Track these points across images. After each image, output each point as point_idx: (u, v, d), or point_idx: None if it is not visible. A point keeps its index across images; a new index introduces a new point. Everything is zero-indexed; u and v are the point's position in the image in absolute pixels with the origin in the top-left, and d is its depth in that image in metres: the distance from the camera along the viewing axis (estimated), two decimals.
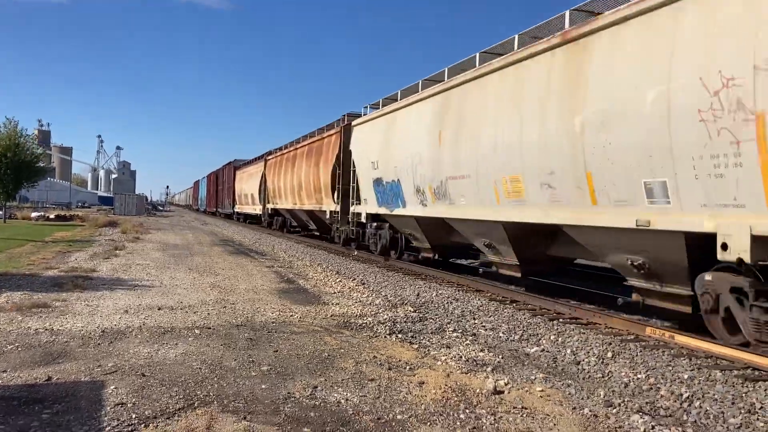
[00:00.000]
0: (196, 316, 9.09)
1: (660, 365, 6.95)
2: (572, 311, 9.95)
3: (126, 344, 7.23)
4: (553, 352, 7.62)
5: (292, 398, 5.45)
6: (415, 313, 9.95)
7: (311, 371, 6.33)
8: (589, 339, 8.21)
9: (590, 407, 5.47)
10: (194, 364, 6.45)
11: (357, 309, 10.19)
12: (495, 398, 5.65)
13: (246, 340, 7.59)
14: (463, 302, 11.11)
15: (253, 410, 5.10)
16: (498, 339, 8.35)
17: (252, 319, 9.01)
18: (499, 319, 9.64)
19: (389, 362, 6.77)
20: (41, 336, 7.47)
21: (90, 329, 7.91)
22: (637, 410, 5.44)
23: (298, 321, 8.99)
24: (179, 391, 5.52)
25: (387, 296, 11.77)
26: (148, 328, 8.10)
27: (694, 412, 5.46)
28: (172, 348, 7.11)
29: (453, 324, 9.22)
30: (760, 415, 5.39)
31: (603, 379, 6.56)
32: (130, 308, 9.48)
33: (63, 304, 9.63)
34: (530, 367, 6.87)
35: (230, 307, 9.96)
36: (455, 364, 6.84)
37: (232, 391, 5.56)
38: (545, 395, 5.82)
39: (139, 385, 5.65)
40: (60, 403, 5.11)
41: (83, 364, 6.32)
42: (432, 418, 5.09)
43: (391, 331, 8.41)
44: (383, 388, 5.82)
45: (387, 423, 4.94)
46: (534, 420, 5.12)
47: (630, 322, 8.81)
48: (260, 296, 11.26)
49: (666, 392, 6.00)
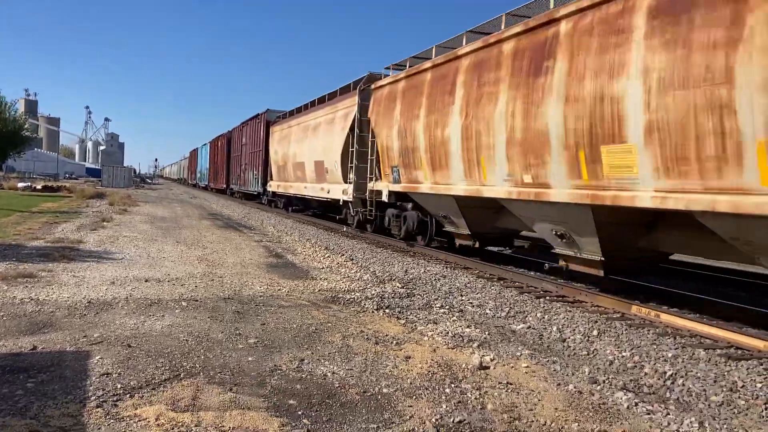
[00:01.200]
0: (184, 288, 9.05)
1: (645, 343, 7.01)
2: (559, 289, 10.00)
3: (112, 315, 7.19)
4: (539, 329, 7.66)
5: (278, 371, 5.45)
6: (403, 289, 9.96)
7: (298, 344, 6.33)
8: (575, 317, 8.27)
9: (575, 384, 5.51)
10: (181, 335, 6.43)
11: (345, 284, 10.19)
12: (480, 373, 5.68)
13: (233, 313, 7.58)
14: (450, 279, 11.14)
15: (240, 382, 5.10)
16: (485, 315, 8.39)
17: (239, 292, 8.99)
18: (486, 296, 9.68)
19: (376, 337, 6.79)
20: (27, 306, 7.42)
21: (76, 300, 7.86)
22: (621, 387, 5.49)
23: (286, 295, 8.98)
24: (165, 362, 5.50)
25: (375, 272, 11.78)
26: (135, 300, 8.06)
27: (677, 390, 5.52)
28: (159, 320, 7.08)
29: (440, 300, 9.25)
30: (742, 394, 5.45)
31: (588, 356, 6.61)
32: (116, 280, 9.43)
33: (49, 274, 9.56)
34: (516, 344, 6.91)
35: (218, 280, 9.93)
36: (442, 339, 6.87)
37: (219, 363, 5.56)
38: (530, 371, 5.86)
39: (124, 355, 5.63)
40: (45, 372, 5.09)
41: (69, 334, 6.29)
42: (417, 392, 5.11)
43: (378, 307, 8.43)
44: (370, 362, 5.84)
45: (373, 396, 4.95)
46: (519, 395, 5.15)
47: (616, 301, 8.87)
48: (248, 270, 11.23)
49: (650, 370, 6.06)
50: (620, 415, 4.82)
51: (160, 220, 22.20)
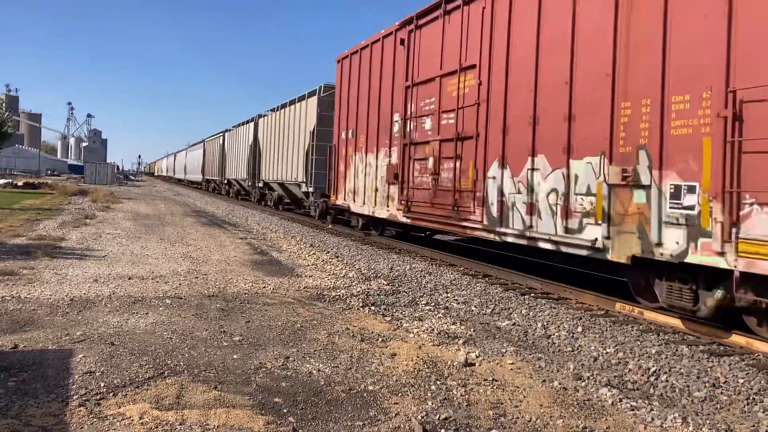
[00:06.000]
0: (168, 286, 8.99)
1: (629, 340, 7.06)
2: (544, 286, 10.04)
3: (95, 313, 7.12)
4: (524, 326, 7.69)
5: (263, 368, 5.43)
6: (389, 286, 9.96)
7: (283, 342, 6.31)
8: (559, 313, 8.31)
9: (560, 380, 5.53)
10: (165, 333, 6.38)
11: (330, 281, 10.17)
12: (466, 370, 5.69)
13: (218, 311, 7.53)
14: (436, 276, 11.15)
15: (224, 380, 5.07)
16: (470, 312, 8.40)
17: (224, 289, 8.94)
18: (471, 293, 9.70)
19: (362, 334, 6.78)
20: (8, 304, 7.33)
21: (58, 298, 7.78)
22: (606, 384, 5.52)
23: (271, 292, 8.94)
24: (149, 360, 5.46)
25: (361, 269, 11.76)
26: (118, 297, 7.99)
27: (660, 386, 5.56)
28: (143, 317, 7.03)
29: (426, 297, 9.25)
30: (724, 389, 5.51)
31: (573, 353, 6.64)
32: (99, 277, 9.34)
33: (31, 272, 9.45)
34: (501, 341, 6.93)
35: (202, 277, 9.86)
36: (427, 336, 6.87)
37: (203, 361, 5.52)
38: (516, 368, 5.88)
39: (108, 353, 5.58)
40: (27, 371, 5.03)
41: (51, 332, 6.22)
42: (403, 389, 5.11)
43: (364, 304, 8.42)
44: (355, 360, 5.83)
45: (358, 393, 4.95)
46: (504, 392, 5.17)
47: (600, 298, 8.92)
48: (233, 267, 11.17)
49: (634, 366, 6.10)
50: (605, 411, 4.85)
51: (144, 217, 22.02)
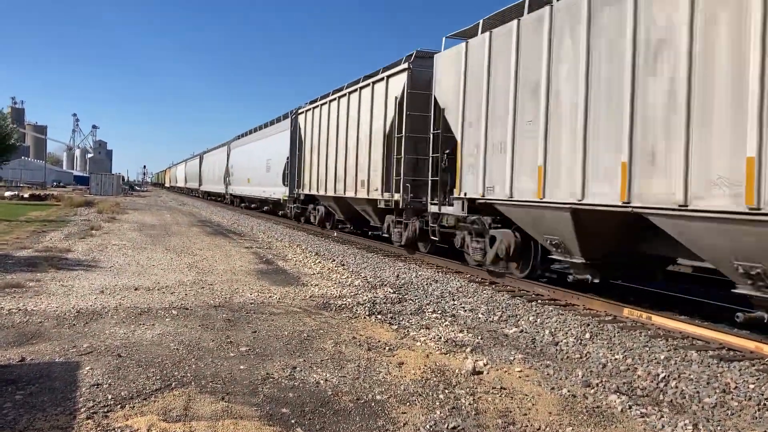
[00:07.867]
0: (174, 296, 8.99)
1: (637, 346, 7.02)
2: (551, 293, 10.00)
3: (102, 325, 7.12)
4: (532, 333, 7.65)
5: (270, 379, 5.41)
6: (395, 294, 9.93)
7: (290, 352, 6.29)
8: (567, 320, 8.27)
9: (568, 387, 5.50)
10: (171, 344, 6.37)
11: (336, 290, 10.15)
12: (474, 379, 5.66)
13: (224, 321, 7.52)
14: (442, 283, 11.13)
15: (232, 391, 5.05)
16: (477, 320, 8.37)
17: (230, 300, 8.93)
18: (478, 300, 9.67)
19: (369, 343, 6.76)
20: (14, 316, 7.34)
21: (65, 310, 7.78)
22: (615, 390, 5.48)
23: (277, 302, 8.93)
24: (156, 372, 5.45)
25: (366, 277, 11.74)
26: (125, 309, 7.99)
27: (670, 392, 5.52)
28: (149, 329, 7.02)
29: (432, 305, 9.23)
30: (734, 395, 5.46)
31: (581, 359, 6.60)
32: (105, 289, 9.35)
33: (37, 284, 9.47)
34: (509, 348, 6.89)
35: (208, 287, 9.86)
36: (434, 344, 6.84)
37: (210, 372, 5.51)
38: (524, 376, 5.84)
39: (115, 365, 5.57)
40: (34, 384, 5.02)
41: (58, 344, 6.22)
42: (411, 398, 5.08)
43: (370, 312, 8.39)
44: (362, 369, 5.81)
45: (366, 403, 4.92)
46: (513, 400, 5.14)
47: (608, 304, 8.88)
48: (238, 277, 11.17)
49: (643, 372, 6.06)
50: (614, 419, 4.81)
51: (149, 227, 22.07)
